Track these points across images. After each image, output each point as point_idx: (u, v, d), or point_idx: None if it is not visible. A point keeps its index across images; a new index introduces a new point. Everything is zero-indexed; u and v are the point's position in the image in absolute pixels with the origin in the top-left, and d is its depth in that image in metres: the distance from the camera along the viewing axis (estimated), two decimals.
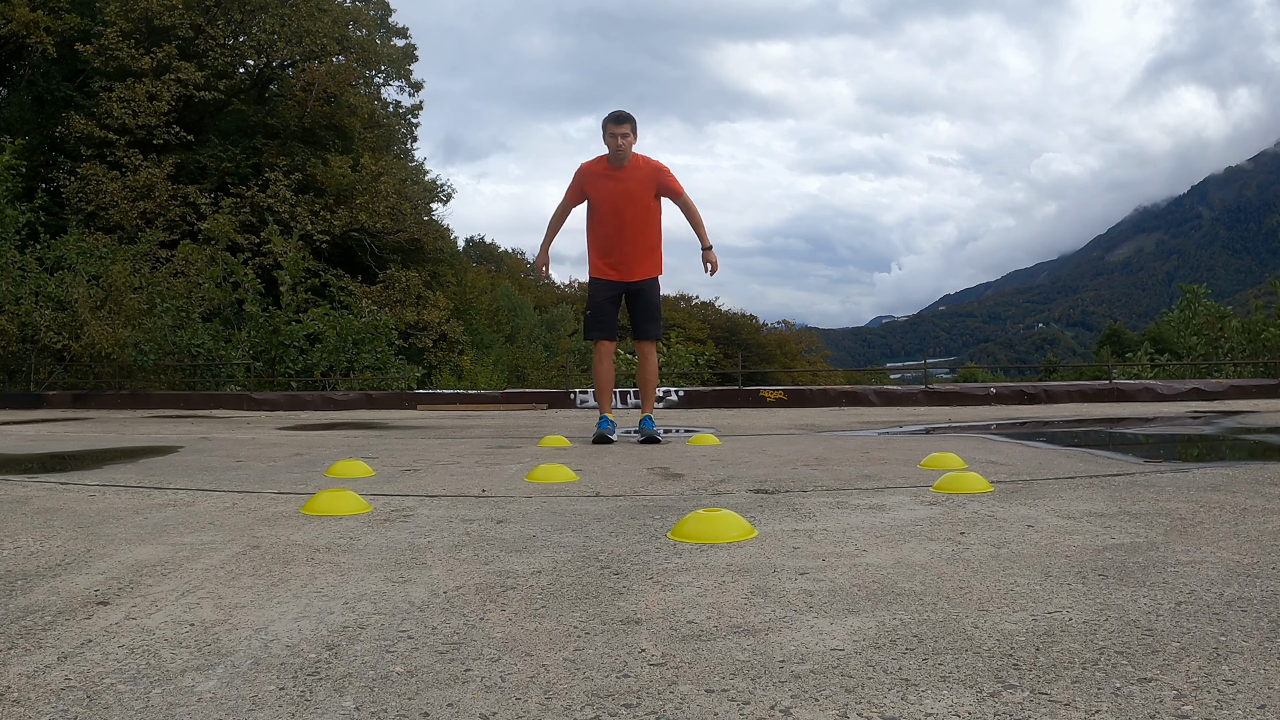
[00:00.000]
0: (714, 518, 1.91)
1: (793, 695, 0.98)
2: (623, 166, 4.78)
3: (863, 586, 1.46)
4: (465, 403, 12.77)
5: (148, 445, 4.98)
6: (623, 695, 0.99)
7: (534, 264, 5.18)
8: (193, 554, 1.77)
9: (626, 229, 4.85)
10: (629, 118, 4.77)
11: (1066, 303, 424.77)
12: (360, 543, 1.88)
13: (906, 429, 6.41)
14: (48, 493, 2.69)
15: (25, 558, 1.74)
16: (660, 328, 5.07)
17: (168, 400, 12.73)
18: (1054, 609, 1.30)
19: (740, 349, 25.05)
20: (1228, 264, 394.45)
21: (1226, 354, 18.67)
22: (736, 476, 3.10)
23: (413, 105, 30.39)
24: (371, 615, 1.32)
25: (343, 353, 15.77)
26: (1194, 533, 1.88)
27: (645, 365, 5.04)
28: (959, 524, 2.03)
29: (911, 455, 3.81)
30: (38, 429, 6.86)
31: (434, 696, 0.99)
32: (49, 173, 22.01)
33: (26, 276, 14.22)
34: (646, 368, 5.04)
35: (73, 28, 21.59)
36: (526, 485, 2.89)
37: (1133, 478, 2.85)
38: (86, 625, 1.27)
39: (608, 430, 4.83)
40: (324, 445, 4.93)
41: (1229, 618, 1.24)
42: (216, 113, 24.07)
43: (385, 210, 24.17)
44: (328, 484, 2.91)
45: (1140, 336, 36.91)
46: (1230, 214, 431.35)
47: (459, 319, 27.18)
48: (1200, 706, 0.92)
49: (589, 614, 1.32)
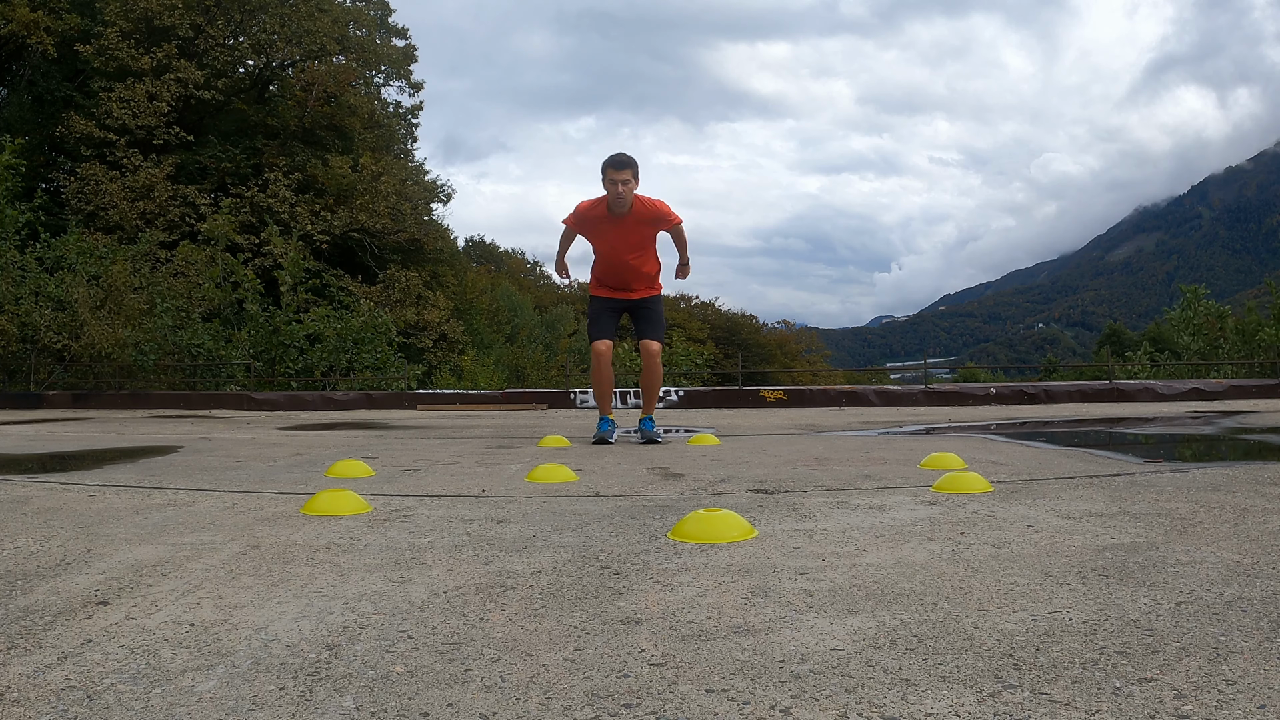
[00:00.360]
0: (714, 518, 1.91)
1: (793, 695, 0.98)
2: (625, 213, 4.69)
3: (863, 586, 1.46)
4: (465, 403, 12.77)
5: (148, 445, 4.98)
6: (623, 695, 0.99)
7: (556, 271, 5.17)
8: (193, 554, 1.77)
9: (628, 270, 4.91)
10: (630, 162, 4.60)
11: (1066, 303, 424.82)
12: (360, 543, 1.88)
13: (906, 429, 6.41)
14: (48, 493, 2.69)
15: (25, 558, 1.74)
16: (663, 334, 5.11)
17: (168, 400, 12.73)
18: (1054, 609, 1.30)
19: (740, 349, 25.06)
20: (1228, 264, 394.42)
21: (1225, 354, 18.74)
22: (736, 476, 3.10)
23: (413, 105, 30.42)
24: (371, 615, 1.32)
25: (343, 353, 15.78)
26: (1194, 533, 1.88)
27: (649, 367, 4.97)
28: (959, 524, 2.03)
29: (911, 455, 3.81)
30: (38, 429, 6.86)
31: (434, 696, 0.99)
32: (49, 173, 22.02)
33: (26, 276, 14.22)
34: (650, 369, 4.97)
35: (73, 28, 21.60)
36: (526, 485, 2.89)
37: (1133, 478, 2.85)
38: (86, 625, 1.27)
39: (607, 433, 4.81)
40: (324, 445, 4.93)
41: (1229, 618, 1.24)
42: (216, 113, 24.07)
43: (385, 210, 24.19)
44: (328, 484, 2.91)
45: (1140, 336, 36.95)
46: (1230, 214, 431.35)
47: (459, 319, 27.20)
48: (1200, 706, 0.92)
49: (589, 614, 1.32)
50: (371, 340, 16.11)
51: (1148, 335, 31.82)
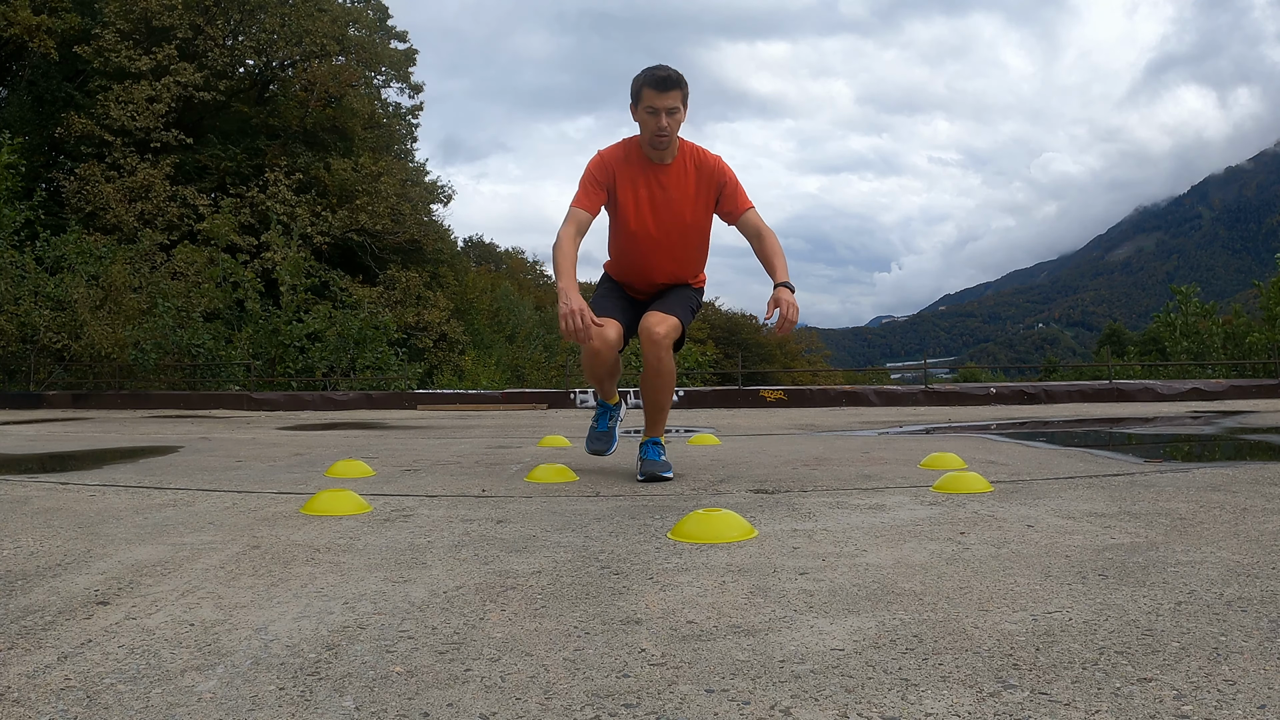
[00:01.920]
0: (714, 518, 1.91)
1: (793, 695, 0.98)
2: (667, 161, 3.04)
3: (863, 586, 1.46)
4: (465, 403, 12.77)
5: (148, 445, 4.98)
6: (623, 695, 0.99)
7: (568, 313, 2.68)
8: (193, 554, 1.77)
9: (660, 252, 3.11)
10: (679, 81, 2.94)
11: (1066, 303, 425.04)
12: (360, 543, 1.88)
13: (906, 429, 6.42)
14: (48, 493, 2.69)
15: (25, 558, 1.73)
16: (687, 316, 3.17)
17: (168, 400, 12.73)
18: (1054, 609, 1.30)
19: (740, 349, 25.07)
20: (1228, 264, 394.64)
21: (1216, 355, 18.87)
22: (736, 476, 3.10)
23: (412, 106, 30.43)
24: (371, 615, 1.32)
25: (343, 353, 15.78)
26: (1194, 533, 1.88)
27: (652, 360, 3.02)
28: (959, 524, 2.03)
29: (911, 455, 3.81)
30: (38, 429, 6.86)
31: (434, 696, 0.99)
32: (48, 172, 22.02)
33: (26, 276, 14.22)
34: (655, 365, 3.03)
35: (73, 28, 21.59)
36: (526, 485, 2.89)
37: (1133, 478, 2.85)
38: (86, 625, 1.27)
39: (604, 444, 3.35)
40: (324, 445, 4.93)
41: (1229, 618, 1.24)
42: (217, 113, 24.08)
43: (385, 211, 24.20)
44: (328, 484, 2.91)
45: (1140, 336, 37.02)
46: (1230, 214, 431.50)
47: (459, 319, 27.20)
48: (1200, 706, 0.92)
49: (589, 614, 1.32)
50: (372, 340, 16.12)
51: (1147, 335, 31.87)
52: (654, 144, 2.97)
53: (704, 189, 3.06)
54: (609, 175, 3.04)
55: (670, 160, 3.04)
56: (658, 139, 2.95)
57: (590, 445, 3.37)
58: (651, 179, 3.04)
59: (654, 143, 2.96)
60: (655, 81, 2.90)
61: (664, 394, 3.10)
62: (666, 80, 2.90)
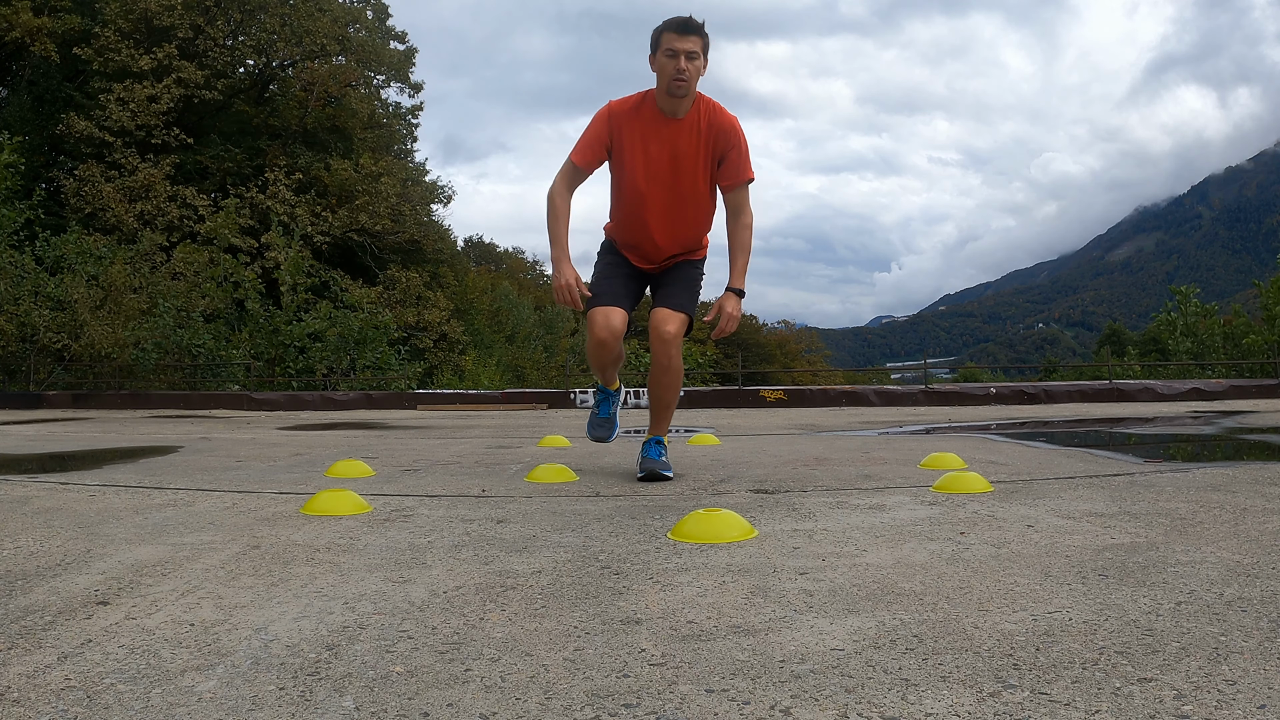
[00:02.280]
0: (714, 518, 1.91)
1: (793, 695, 0.98)
2: (680, 114, 2.89)
3: (863, 586, 1.46)
4: (465, 403, 12.77)
5: (148, 445, 4.98)
6: (623, 695, 0.99)
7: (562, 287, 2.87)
8: (193, 554, 1.77)
9: (667, 216, 2.99)
10: (701, 28, 2.83)
11: (1066, 303, 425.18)
12: (360, 543, 1.88)
13: (906, 429, 6.42)
14: (48, 493, 2.69)
15: (25, 558, 1.74)
16: (694, 308, 3.16)
17: (168, 400, 12.73)
18: (1054, 609, 1.30)
19: (740, 349, 25.07)
20: (1228, 264, 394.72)
21: (1215, 355, 18.92)
22: (736, 476, 3.10)
23: (412, 106, 30.43)
24: (371, 615, 1.32)
25: (343, 353, 15.79)
26: (1194, 533, 1.88)
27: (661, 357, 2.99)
28: (959, 524, 2.03)
29: (911, 455, 3.81)
30: (38, 429, 6.86)
31: (434, 696, 0.99)
32: (48, 172, 22.03)
33: (25, 276, 14.23)
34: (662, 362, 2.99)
35: (73, 28, 21.60)
36: (526, 485, 2.89)
37: (1133, 478, 2.85)
38: (86, 625, 1.27)
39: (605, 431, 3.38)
40: (324, 445, 4.93)
41: (1229, 618, 1.24)
42: (217, 113, 24.09)
43: (385, 211, 24.21)
44: (328, 484, 2.91)
45: (1140, 336, 37.04)
46: (1230, 214, 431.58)
47: (459, 319, 27.21)
48: (1200, 706, 0.92)
49: (589, 614, 1.32)
50: (372, 340, 16.12)
51: (1148, 335, 31.91)
52: (671, 90, 2.81)
53: (713, 147, 2.92)
54: (614, 131, 2.92)
55: (684, 114, 2.89)
56: (676, 84, 2.79)
57: (592, 432, 3.37)
58: (663, 135, 2.89)
59: (671, 89, 2.81)
60: (676, 24, 2.80)
61: (671, 392, 3.08)
62: (688, 24, 2.80)
